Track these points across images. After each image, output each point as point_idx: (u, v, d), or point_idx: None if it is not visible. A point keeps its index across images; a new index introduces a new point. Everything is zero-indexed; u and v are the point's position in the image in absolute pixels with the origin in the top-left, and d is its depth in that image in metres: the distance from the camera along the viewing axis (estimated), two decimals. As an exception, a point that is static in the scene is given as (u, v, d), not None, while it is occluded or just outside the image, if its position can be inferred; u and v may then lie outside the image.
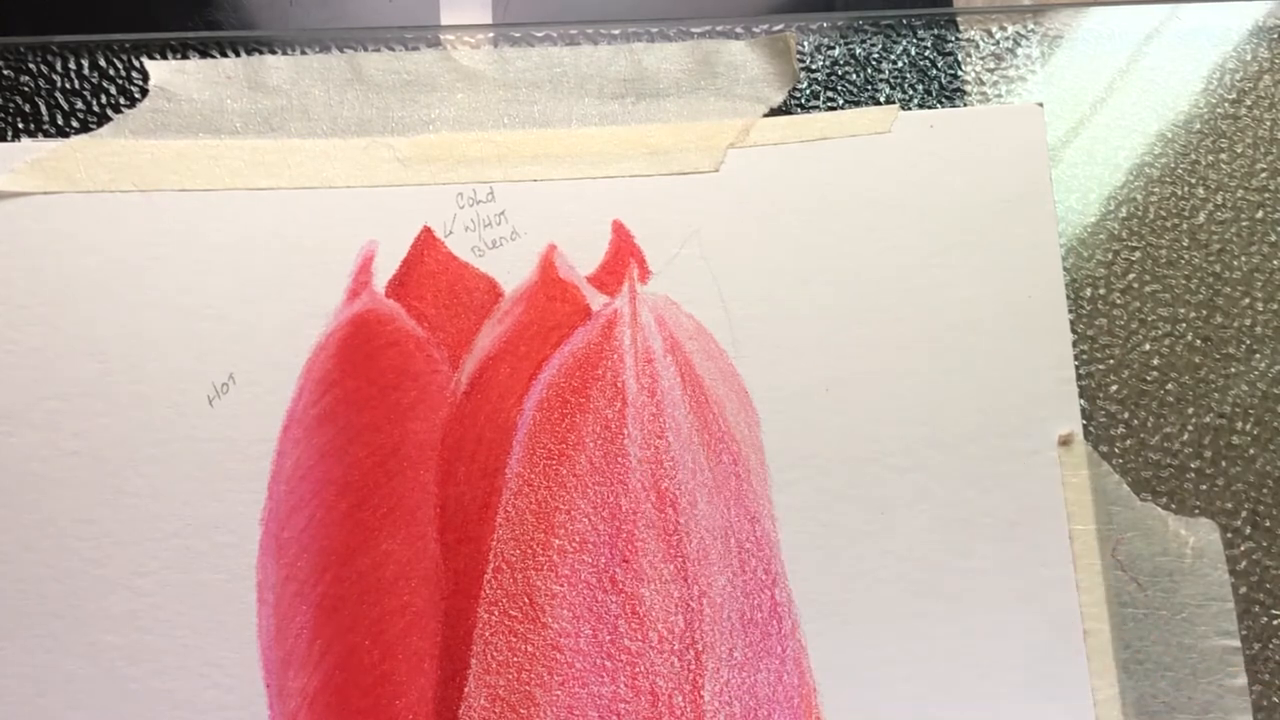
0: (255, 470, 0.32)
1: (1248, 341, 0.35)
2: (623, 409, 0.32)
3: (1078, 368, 0.34)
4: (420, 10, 0.38)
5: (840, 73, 0.37)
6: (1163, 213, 0.36)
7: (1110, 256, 0.35)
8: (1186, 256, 0.35)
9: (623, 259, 0.34)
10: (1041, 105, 0.36)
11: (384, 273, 0.33)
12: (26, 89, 0.35)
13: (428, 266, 0.34)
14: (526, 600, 0.31)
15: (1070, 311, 0.34)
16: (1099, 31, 0.37)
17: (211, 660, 0.30)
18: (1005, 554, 0.32)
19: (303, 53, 0.35)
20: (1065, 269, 0.35)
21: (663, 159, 0.35)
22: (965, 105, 0.36)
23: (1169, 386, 0.34)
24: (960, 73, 0.37)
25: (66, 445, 0.32)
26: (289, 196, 0.34)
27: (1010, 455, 0.33)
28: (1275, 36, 0.38)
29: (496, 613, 0.31)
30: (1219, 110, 0.37)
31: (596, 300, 0.33)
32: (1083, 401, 0.34)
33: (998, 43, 0.37)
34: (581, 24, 0.36)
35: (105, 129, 0.34)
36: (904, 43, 0.37)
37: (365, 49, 0.36)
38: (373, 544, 0.31)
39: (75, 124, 0.35)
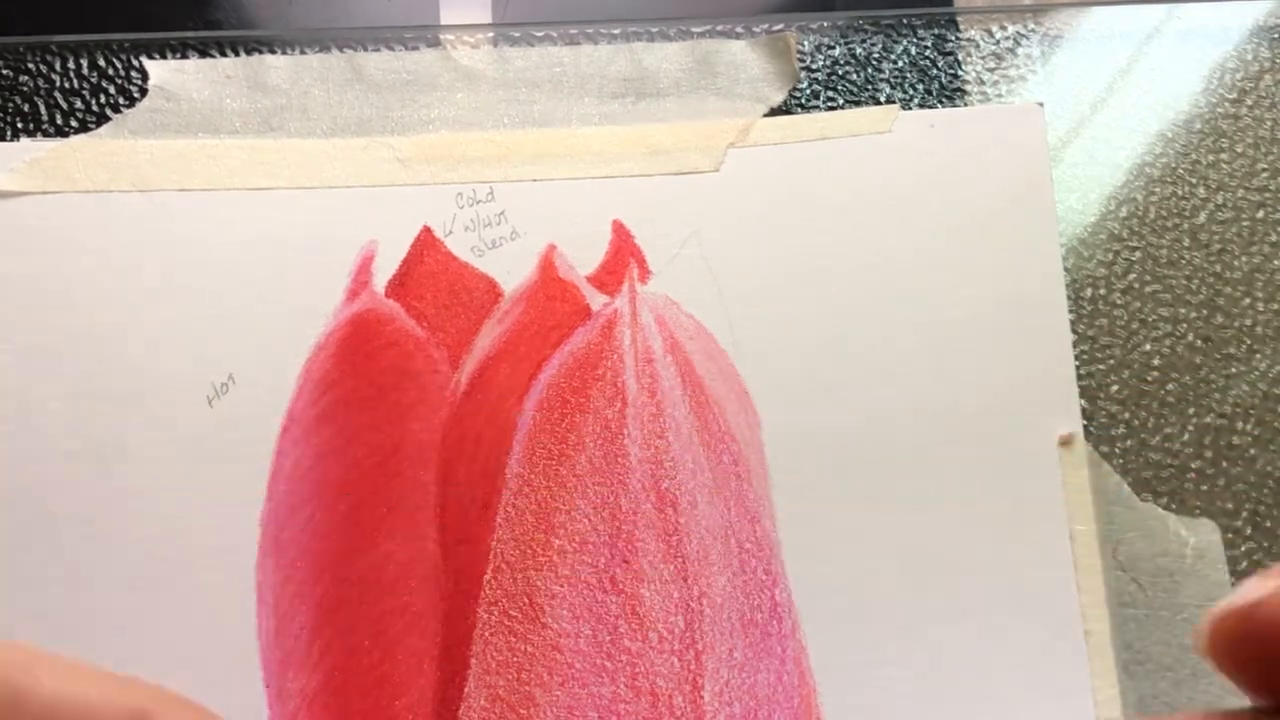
0: (255, 470, 0.32)
1: (1248, 341, 0.35)
2: (623, 409, 0.32)
3: (1078, 368, 0.34)
4: (420, 10, 0.38)
5: (840, 72, 0.36)
6: (1163, 212, 0.36)
7: (1111, 256, 0.35)
8: (1187, 256, 0.35)
9: (623, 259, 0.34)
10: (1042, 105, 0.36)
11: (383, 273, 0.33)
12: (25, 89, 0.35)
13: (427, 266, 0.33)
14: (526, 600, 0.31)
15: (1071, 311, 0.34)
16: (1099, 31, 0.37)
17: (211, 660, 0.30)
18: (1005, 554, 0.32)
19: (302, 52, 0.35)
20: (1066, 269, 0.35)
21: (663, 159, 0.35)
22: (965, 105, 0.36)
23: (1170, 387, 0.34)
24: (960, 72, 0.37)
25: (66, 445, 0.32)
26: (288, 196, 0.34)
27: (1010, 455, 0.33)
28: (1276, 36, 0.38)
29: (496, 613, 0.31)
30: (1219, 110, 0.37)
31: (596, 300, 0.33)
32: (1083, 402, 0.34)
33: (998, 42, 0.37)
34: (581, 24, 0.36)
35: (104, 129, 0.34)
36: (904, 42, 0.37)
37: (365, 49, 0.36)
38: (372, 544, 0.31)
39: (74, 124, 0.35)
